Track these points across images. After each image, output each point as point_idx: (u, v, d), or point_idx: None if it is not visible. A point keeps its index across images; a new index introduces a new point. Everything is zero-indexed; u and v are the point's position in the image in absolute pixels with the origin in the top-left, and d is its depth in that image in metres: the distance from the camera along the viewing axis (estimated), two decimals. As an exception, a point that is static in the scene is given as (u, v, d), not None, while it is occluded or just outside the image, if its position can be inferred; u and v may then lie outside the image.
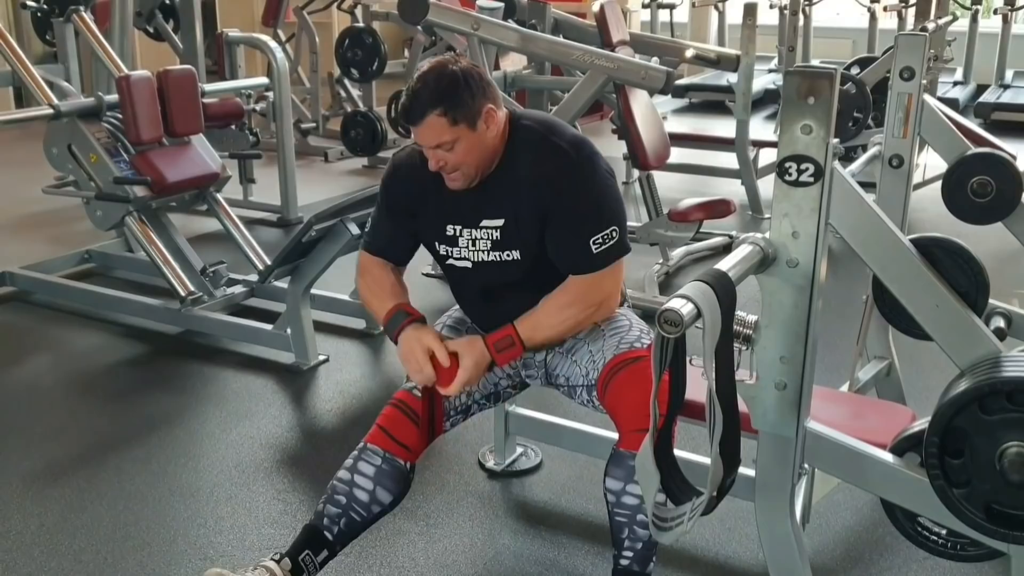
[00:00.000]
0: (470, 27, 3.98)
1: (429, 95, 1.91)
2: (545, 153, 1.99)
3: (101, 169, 3.75)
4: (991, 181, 2.51)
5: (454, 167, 1.96)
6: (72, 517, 2.51)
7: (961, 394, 1.51)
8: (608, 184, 2.02)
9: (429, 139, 1.94)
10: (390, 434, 2.05)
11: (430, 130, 1.93)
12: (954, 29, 6.17)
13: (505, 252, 2.05)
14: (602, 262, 2.00)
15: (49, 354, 3.67)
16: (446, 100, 1.91)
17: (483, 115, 1.95)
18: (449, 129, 1.92)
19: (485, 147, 1.97)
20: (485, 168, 2.00)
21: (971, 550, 1.87)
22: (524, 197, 2.00)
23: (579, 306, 2.04)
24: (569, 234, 1.99)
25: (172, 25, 6.64)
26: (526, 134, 2.02)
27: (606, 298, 2.07)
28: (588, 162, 2.00)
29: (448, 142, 1.93)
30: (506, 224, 2.02)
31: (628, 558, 2.00)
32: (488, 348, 2.03)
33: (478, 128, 1.94)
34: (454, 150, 1.94)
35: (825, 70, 1.49)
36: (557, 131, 2.03)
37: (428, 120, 1.92)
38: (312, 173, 6.61)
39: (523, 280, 2.06)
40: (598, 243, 1.98)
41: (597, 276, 2.02)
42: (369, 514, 2.05)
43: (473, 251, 2.07)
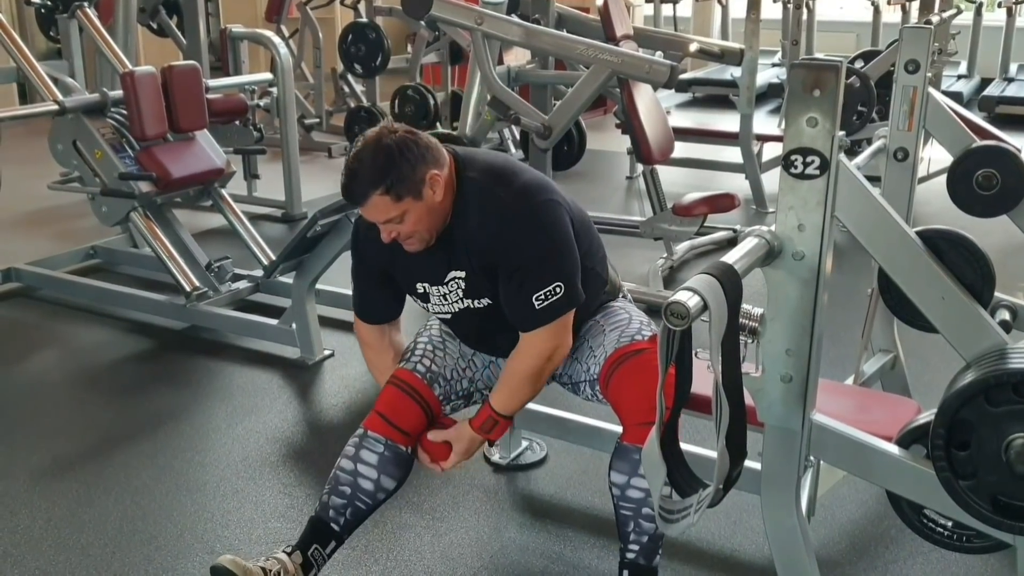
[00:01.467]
0: (474, 22, 3.98)
1: (368, 175, 1.87)
2: (487, 210, 1.96)
3: (106, 165, 3.76)
4: (996, 174, 2.50)
5: (407, 235, 1.95)
6: (79, 512, 2.52)
7: (967, 386, 1.51)
8: (551, 238, 1.95)
9: (376, 216, 1.92)
10: (390, 421, 2.06)
11: (375, 209, 1.90)
12: (958, 22, 6.15)
13: (476, 300, 2.06)
14: (546, 318, 1.97)
15: (55, 350, 3.68)
16: (386, 178, 1.87)
17: (427, 182, 1.90)
18: (394, 205, 1.89)
19: (435, 211, 1.94)
20: (439, 227, 1.98)
21: (977, 542, 1.86)
22: (475, 253, 1.99)
23: (538, 365, 2.03)
24: (513, 291, 1.98)
25: (176, 21, 6.64)
26: (471, 189, 1.98)
27: (555, 348, 2.03)
28: (530, 216, 1.95)
29: (396, 216, 1.91)
30: (468, 275, 2.03)
31: (634, 551, 2.00)
32: (477, 433, 2.07)
33: (424, 196, 1.91)
34: (404, 222, 1.92)
35: (831, 62, 1.48)
36: (503, 181, 1.98)
37: (372, 201, 1.89)
38: (316, 168, 6.61)
39: (503, 320, 2.05)
40: (540, 299, 1.94)
41: (543, 332, 1.99)
42: (374, 501, 2.07)
43: (448, 303, 2.08)
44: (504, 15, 4.32)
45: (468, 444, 2.09)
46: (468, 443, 2.08)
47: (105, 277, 4.30)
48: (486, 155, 2.09)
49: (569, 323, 2.04)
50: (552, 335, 2.00)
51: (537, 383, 2.06)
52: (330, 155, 6.99)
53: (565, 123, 3.99)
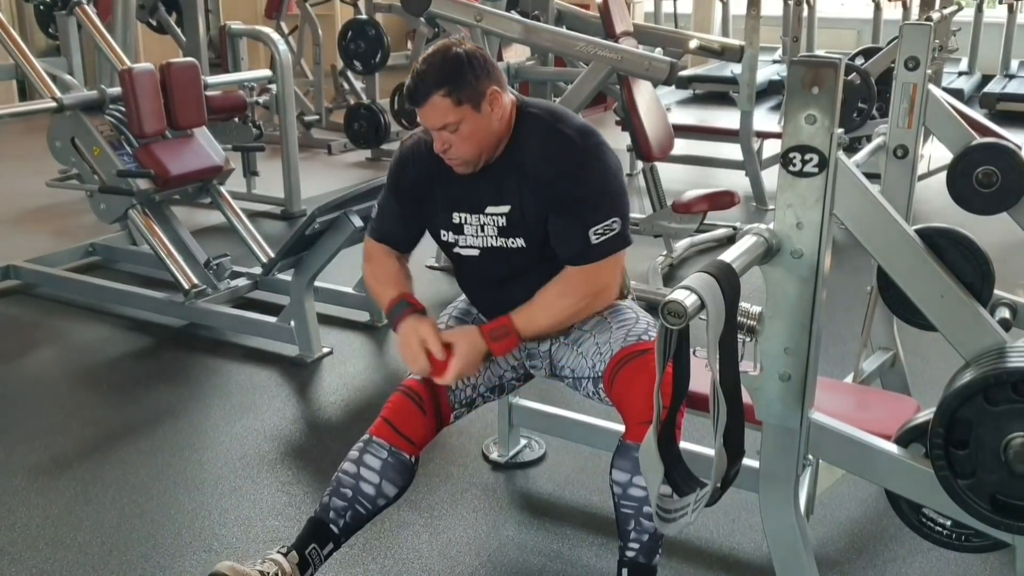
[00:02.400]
0: (473, 18, 3.97)
1: (434, 76, 1.92)
2: (550, 141, 1.99)
3: (104, 162, 3.75)
4: (996, 171, 2.50)
5: (457, 150, 1.96)
6: (77, 509, 2.52)
7: (966, 385, 1.51)
8: (612, 175, 2.01)
9: (434, 120, 1.94)
10: (396, 428, 2.05)
11: (434, 110, 1.93)
12: (959, 19, 6.14)
13: (511, 239, 2.04)
14: (601, 253, 1.99)
15: (53, 347, 3.67)
16: (450, 81, 1.91)
17: (487, 97, 1.95)
18: (453, 110, 1.92)
19: (489, 130, 1.97)
20: (490, 152, 2.00)
21: (976, 541, 1.86)
22: (528, 185, 1.99)
23: (575, 296, 2.03)
24: (569, 223, 1.98)
25: (175, 18, 6.64)
26: (532, 122, 2.02)
27: (602, 288, 2.06)
28: (593, 151, 1.99)
29: (453, 123, 1.93)
30: (511, 211, 2.02)
31: (634, 550, 2.00)
32: (484, 337, 2.03)
33: (482, 110, 1.94)
34: (458, 132, 1.94)
35: (830, 59, 1.48)
36: (564, 119, 2.03)
37: (432, 100, 1.92)
38: (315, 165, 6.61)
39: (529, 268, 2.06)
40: (598, 233, 1.97)
41: (594, 267, 2.00)
42: (375, 507, 2.05)
43: (481, 237, 2.07)
44: (504, 12, 4.31)
45: (470, 347, 2.02)
46: (471, 346, 2.02)
47: (104, 274, 4.29)
48: (541, 100, 2.13)
49: (618, 270, 2.07)
50: (602, 272, 2.02)
51: (567, 317, 2.05)
52: (330, 152, 6.99)
53: (564, 120, 3.98)
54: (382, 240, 2.21)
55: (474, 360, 2.04)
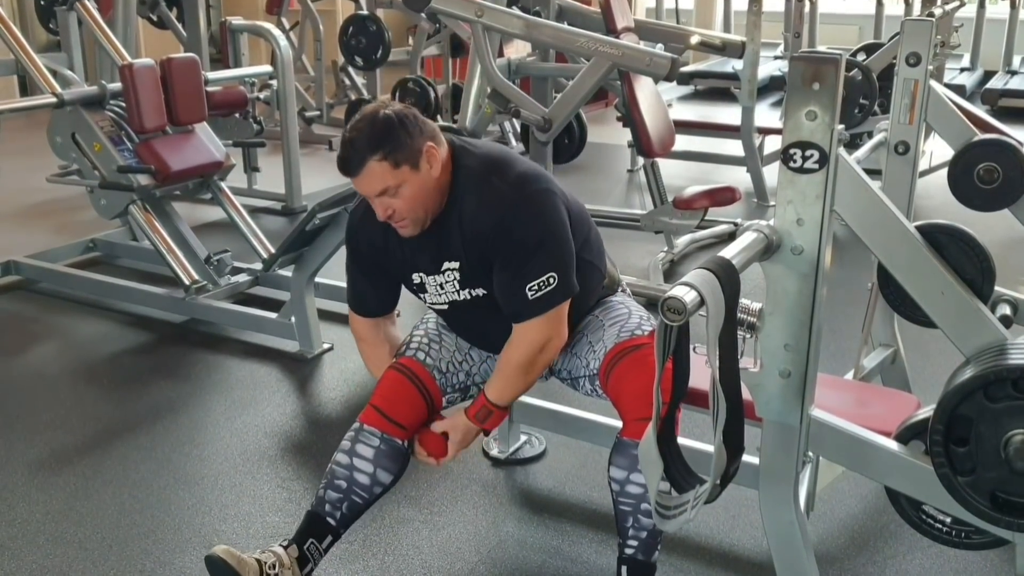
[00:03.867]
0: (474, 14, 3.96)
1: (366, 141, 1.87)
2: (483, 195, 1.95)
3: (105, 158, 3.75)
4: (998, 168, 2.49)
5: (402, 214, 1.93)
6: (77, 505, 2.52)
7: (966, 382, 1.50)
8: (548, 227, 1.95)
9: (373, 187, 1.90)
10: (385, 414, 2.05)
11: (372, 177, 1.88)
12: (961, 15, 6.13)
13: (471, 290, 2.05)
14: (540, 309, 1.96)
15: (54, 342, 3.67)
16: (384, 144, 1.86)
17: (424, 154, 1.91)
18: (392, 172, 1.88)
19: (431, 187, 1.93)
20: (434, 209, 1.96)
21: (976, 538, 1.86)
22: (469, 243, 1.98)
23: (531, 356, 2.02)
24: (506, 279, 1.97)
25: (176, 13, 6.63)
26: (467, 175, 1.98)
27: (550, 339, 2.02)
28: (527, 203, 1.94)
29: (393, 187, 1.89)
30: (462, 265, 2.02)
31: (633, 547, 2.00)
32: (472, 421, 2.07)
33: (421, 168, 1.91)
34: (400, 195, 1.90)
35: (830, 55, 1.47)
36: (500, 170, 1.97)
37: (369, 166, 1.87)
38: (316, 161, 6.60)
39: (498, 311, 2.04)
40: (533, 290, 1.94)
41: (536, 323, 1.99)
42: (371, 495, 2.06)
43: (443, 293, 2.08)
44: (505, 7, 4.30)
45: (464, 434, 2.08)
46: (464, 433, 2.08)
47: (104, 270, 4.29)
48: (484, 145, 2.08)
49: (563, 315, 2.02)
50: (545, 326, 1.99)
51: (530, 374, 2.05)
52: (331, 148, 6.98)
53: (566, 116, 3.97)
54: (364, 314, 2.20)
55: (469, 441, 2.10)
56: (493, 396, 2.06)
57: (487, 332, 2.14)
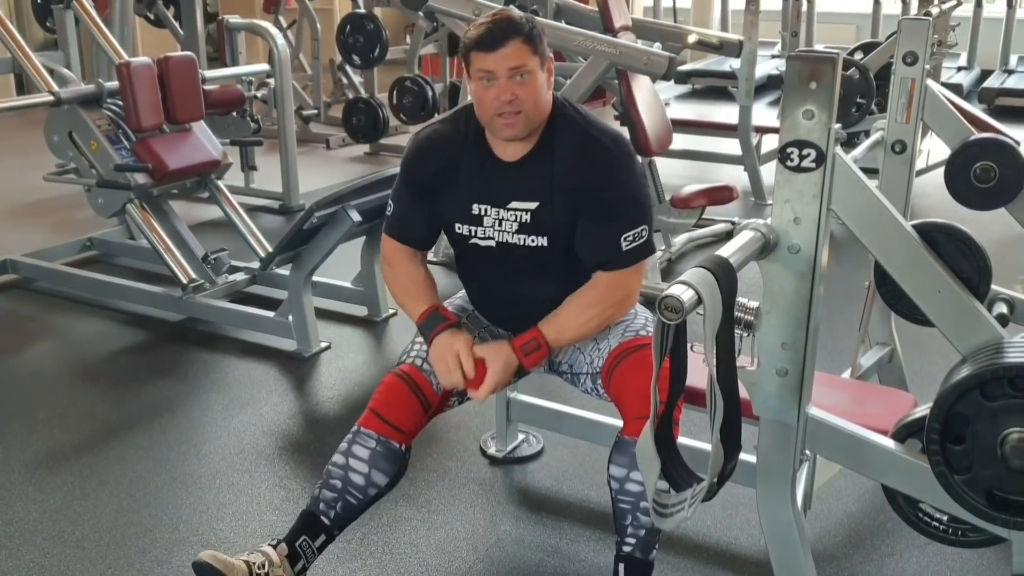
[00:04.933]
0: (472, 12, 3.96)
1: (512, 24, 1.93)
2: (586, 145, 1.99)
3: (102, 156, 3.75)
4: (994, 167, 2.50)
5: (522, 103, 1.93)
6: (75, 504, 2.52)
7: (963, 380, 1.51)
8: (642, 183, 2.04)
9: (511, 60, 1.91)
10: (384, 418, 2.05)
11: (513, 52, 1.91)
12: (958, 14, 6.13)
13: (532, 237, 2.03)
14: (630, 260, 2.00)
15: (51, 342, 3.67)
16: (527, 31, 1.93)
17: (547, 61, 1.98)
18: (530, 55, 1.93)
19: (543, 98, 1.97)
20: (536, 126, 1.98)
21: (972, 536, 1.86)
22: (561, 185, 1.98)
23: (603, 304, 2.03)
24: (602, 229, 1.99)
25: (173, 12, 6.63)
26: (567, 121, 2.01)
27: (628, 295, 2.07)
28: (625, 161, 2.00)
29: (527, 68, 1.92)
30: (539, 208, 2.00)
31: (631, 544, 2.00)
32: (516, 352, 2.03)
33: (545, 71, 1.97)
34: (526, 82, 1.93)
35: (827, 54, 1.48)
36: (597, 125, 2.03)
37: (512, 43, 1.91)
38: (313, 160, 6.60)
39: (543, 268, 2.05)
40: (629, 240, 1.98)
41: (622, 273, 2.01)
42: (365, 497, 2.05)
43: (499, 231, 2.04)
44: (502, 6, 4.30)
45: (504, 364, 2.02)
46: (505, 363, 2.02)
47: (101, 269, 4.29)
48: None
49: (642, 277, 2.07)
50: (631, 278, 2.03)
51: (594, 324, 2.04)
52: (328, 146, 6.98)
53: (563, 115, 3.98)
54: (401, 240, 2.16)
55: (507, 376, 2.05)
56: (549, 333, 2.02)
57: (511, 289, 2.10)
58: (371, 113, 6.71)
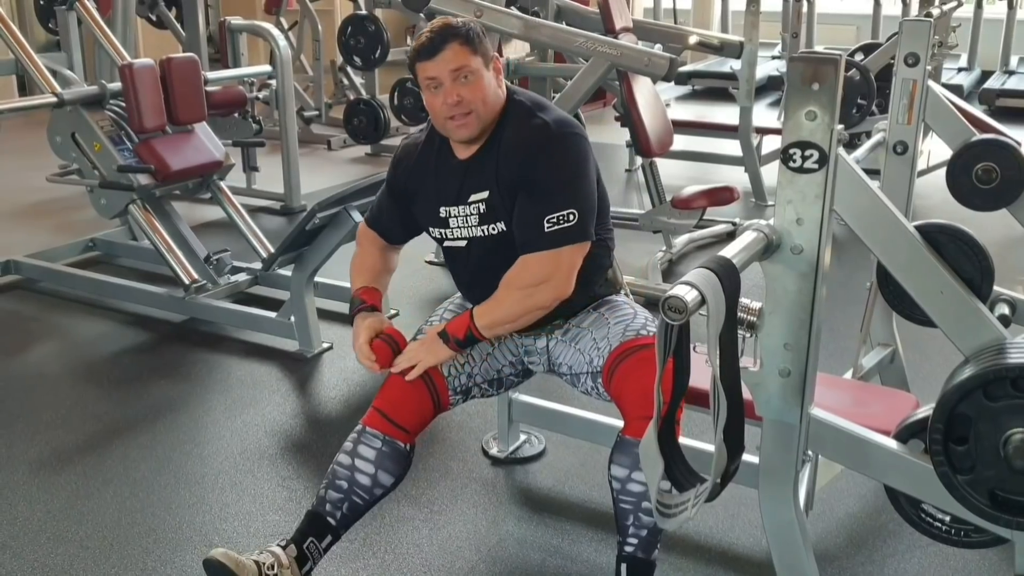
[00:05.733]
0: (473, 14, 3.96)
1: (450, 29, 1.98)
2: (526, 126, 2.02)
3: (105, 157, 3.75)
4: (996, 167, 2.50)
5: (469, 104, 1.97)
6: (78, 504, 2.52)
7: (966, 380, 1.51)
8: (578, 168, 2.01)
9: (451, 62, 1.96)
10: (388, 417, 2.06)
11: (453, 55, 1.96)
12: (959, 15, 6.14)
13: (491, 225, 2.07)
14: (550, 242, 1.97)
15: (54, 342, 3.68)
16: (464, 33, 1.98)
17: (491, 60, 2.02)
18: (470, 56, 1.98)
19: (492, 95, 2.01)
20: (488, 124, 2.02)
21: (975, 536, 1.87)
22: (503, 167, 2.02)
23: (520, 286, 2.01)
24: (527, 207, 2.00)
25: (175, 13, 6.63)
26: (516, 108, 2.06)
27: (546, 280, 2.00)
28: (563, 140, 2.00)
29: (468, 69, 1.97)
30: (490, 196, 2.05)
31: (633, 544, 2.00)
32: (446, 330, 2.06)
33: (489, 69, 2.01)
34: (470, 83, 1.97)
35: (830, 56, 1.48)
36: (545, 108, 2.06)
37: (451, 46, 1.96)
38: (315, 161, 6.60)
39: (513, 254, 2.05)
40: (552, 222, 1.96)
41: (540, 256, 1.98)
42: (371, 497, 2.06)
43: (466, 228, 2.10)
44: (503, 8, 4.31)
45: (429, 342, 2.07)
46: (429, 340, 2.07)
47: (104, 269, 4.30)
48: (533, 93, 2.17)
49: (572, 262, 2.01)
50: (550, 261, 1.99)
51: (519, 305, 2.01)
52: (329, 147, 6.99)
53: (564, 116, 3.98)
54: (371, 225, 2.28)
55: (426, 351, 2.07)
56: (477, 312, 2.04)
57: (494, 279, 2.10)
58: (372, 114, 6.72)
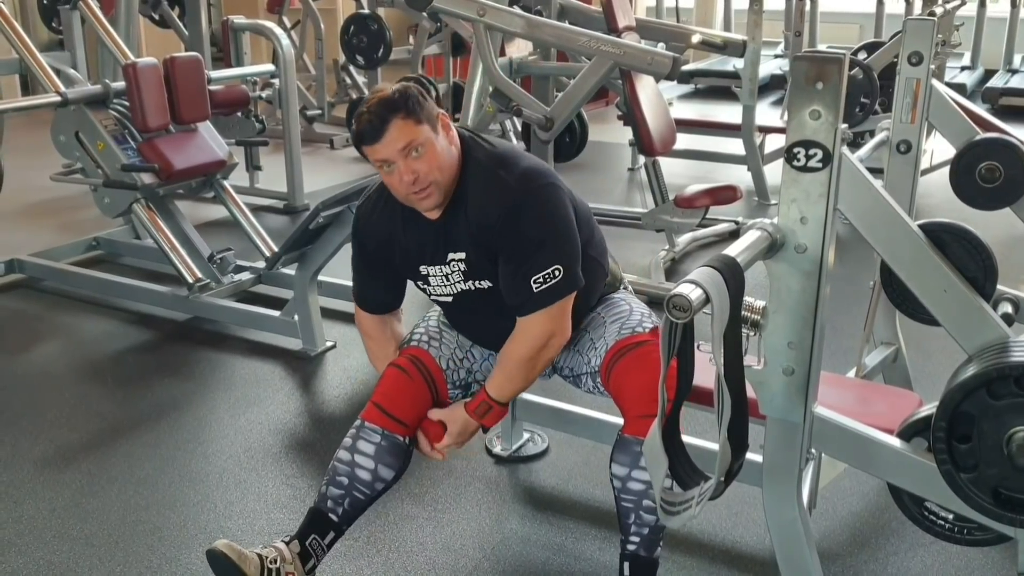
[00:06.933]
0: (476, 13, 3.97)
1: (385, 107, 1.90)
2: (491, 190, 1.97)
3: (108, 156, 3.76)
4: (999, 166, 2.50)
5: (427, 177, 1.92)
6: (83, 502, 2.53)
7: (969, 379, 1.51)
8: (553, 220, 1.97)
9: (398, 142, 1.90)
10: (387, 411, 2.07)
11: (397, 133, 1.90)
12: (962, 14, 6.14)
13: (476, 281, 2.06)
14: (543, 302, 1.97)
15: (58, 341, 3.68)
16: (403, 105, 1.90)
17: (438, 120, 1.96)
18: (415, 128, 1.90)
19: (447, 156, 1.96)
20: (448, 185, 1.98)
21: (978, 534, 1.87)
22: (475, 235, 1.99)
23: (531, 350, 2.02)
24: (511, 271, 1.98)
25: (177, 12, 6.64)
26: (476, 168, 2.00)
27: (553, 334, 2.02)
28: (533, 197, 1.96)
29: (416, 143, 1.90)
30: (467, 257, 2.03)
31: (635, 543, 2.01)
32: (471, 416, 2.08)
33: (439, 132, 1.95)
34: (422, 155, 1.91)
35: (834, 55, 1.48)
36: (507, 164, 1.99)
37: (393, 124, 1.89)
38: (318, 160, 6.61)
39: (503, 305, 2.05)
40: (538, 282, 1.95)
41: (539, 316, 1.99)
42: (372, 491, 2.07)
43: (448, 284, 2.09)
44: (506, 7, 4.31)
45: (462, 427, 2.09)
46: (462, 426, 2.08)
47: (108, 268, 4.31)
48: (492, 140, 2.10)
49: (567, 309, 2.03)
50: (549, 320, 2.00)
51: (532, 370, 2.06)
52: (332, 146, 6.99)
53: (567, 115, 3.98)
54: (370, 311, 2.22)
55: (466, 436, 2.11)
56: (493, 391, 2.07)
57: (489, 328, 2.14)
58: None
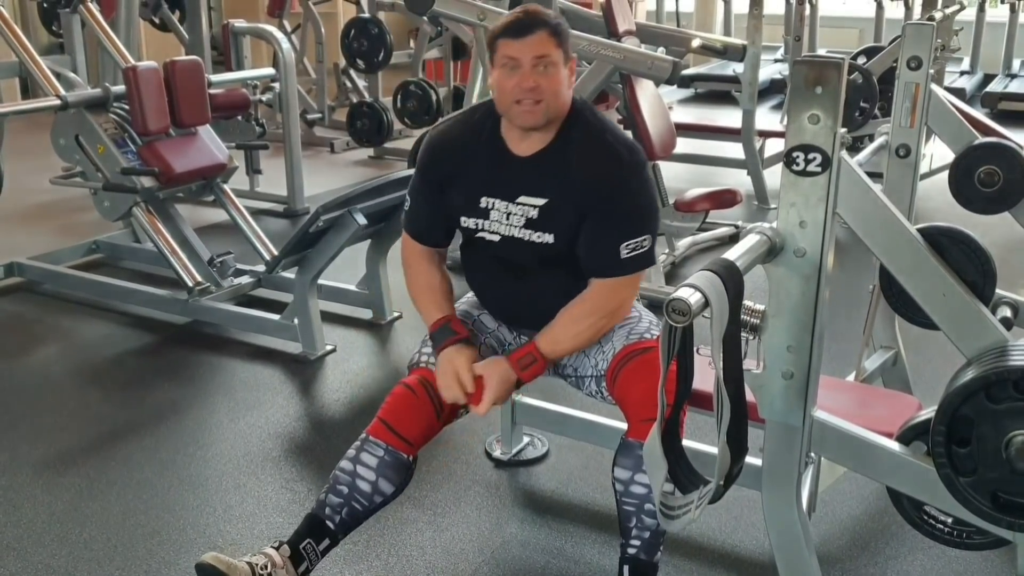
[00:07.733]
0: (476, 17, 3.97)
1: (541, 17, 1.97)
2: (600, 150, 2.00)
3: (108, 160, 3.76)
4: (998, 171, 2.51)
5: (543, 92, 1.95)
6: (82, 505, 2.53)
7: (968, 383, 1.52)
8: (651, 194, 2.06)
9: (536, 49, 1.95)
10: (392, 428, 2.05)
11: (539, 41, 1.95)
12: (961, 18, 6.16)
13: (538, 233, 2.04)
14: (629, 268, 2.01)
15: (57, 344, 3.68)
16: (554, 25, 1.98)
17: (570, 60, 2.01)
18: (555, 47, 1.96)
19: (564, 93, 1.99)
20: (554, 119, 2.00)
21: (977, 538, 1.87)
22: (570, 186, 2.00)
23: (597, 314, 2.04)
24: (603, 234, 2.00)
25: (178, 16, 6.65)
26: (585, 123, 2.03)
27: (620, 305, 2.07)
28: (638, 169, 2.01)
29: (550, 59, 1.96)
30: (547, 205, 2.02)
31: (635, 546, 2.01)
32: (513, 367, 2.05)
33: (568, 67, 2.00)
34: (549, 73, 1.96)
35: (833, 59, 1.49)
36: (615, 132, 2.06)
37: (540, 33, 1.95)
38: (318, 164, 6.61)
39: (547, 265, 2.06)
40: (629, 248, 1.99)
41: (618, 282, 2.02)
42: (371, 504, 2.06)
43: (505, 225, 2.06)
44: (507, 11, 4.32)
45: (501, 378, 2.04)
46: (501, 378, 2.04)
47: (107, 272, 4.30)
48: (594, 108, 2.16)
49: (637, 288, 2.09)
50: (625, 287, 2.04)
51: (589, 332, 2.05)
52: (332, 150, 7.00)
53: (567, 119, 3.99)
54: (420, 239, 2.19)
55: (506, 390, 2.07)
56: (544, 345, 2.04)
57: (515, 284, 2.12)
58: (375, 117, 6.72)
